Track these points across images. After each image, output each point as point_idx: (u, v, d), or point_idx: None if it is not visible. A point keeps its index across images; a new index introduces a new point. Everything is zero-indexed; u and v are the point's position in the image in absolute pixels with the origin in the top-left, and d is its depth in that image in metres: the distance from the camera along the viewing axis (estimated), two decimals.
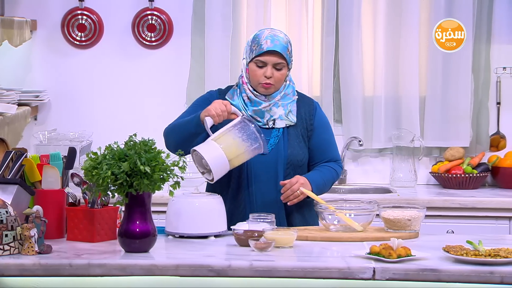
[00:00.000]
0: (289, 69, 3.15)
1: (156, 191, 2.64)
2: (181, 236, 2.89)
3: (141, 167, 2.57)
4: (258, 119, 3.13)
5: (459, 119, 4.41)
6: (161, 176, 2.62)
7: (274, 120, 3.14)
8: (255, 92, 3.13)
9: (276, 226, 2.84)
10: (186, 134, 3.07)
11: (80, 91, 4.60)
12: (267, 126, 3.13)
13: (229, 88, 3.23)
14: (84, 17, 4.57)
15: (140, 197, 2.63)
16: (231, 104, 3.06)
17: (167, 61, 4.58)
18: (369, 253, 2.58)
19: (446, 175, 4.33)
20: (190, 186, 3.11)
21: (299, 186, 3.04)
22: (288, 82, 3.18)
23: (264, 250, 2.67)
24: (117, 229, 2.73)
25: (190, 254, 2.66)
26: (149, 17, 4.56)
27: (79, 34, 4.58)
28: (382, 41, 4.44)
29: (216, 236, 2.90)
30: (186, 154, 3.12)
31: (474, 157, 4.41)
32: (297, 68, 4.42)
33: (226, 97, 3.17)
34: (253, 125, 2.99)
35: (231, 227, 2.85)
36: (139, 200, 2.63)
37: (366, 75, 4.48)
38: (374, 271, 2.48)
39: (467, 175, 4.30)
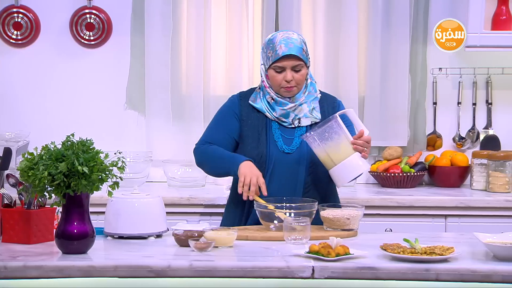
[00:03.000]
0: (308, 67, 3.14)
1: (94, 192, 2.61)
2: (120, 237, 2.87)
3: (79, 168, 2.53)
4: (284, 119, 3.13)
5: (397, 119, 4.47)
6: (100, 177, 2.59)
7: (299, 118, 3.13)
8: (279, 94, 3.13)
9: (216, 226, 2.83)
10: (223, 172, 3.15)
11: (17, 91, 4.51)
12: (292, 126, 3.14)
13: (251, 90, 3.23)
14: (20, 15, 4.48)
15: (78, 198, 2.59)
16: (254, 107, 3.11)
17: (106, 61, 4.53)
18: (309, 252, 2.60)
19: (384, 174, 4.39)
20: (129, 187, 3.08)
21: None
22: (309, 80, 3.18)
23: (204, 250, 2.66)
24: (55, 230, 2.69)
25: (129, 255, 2.64)
26: (88, 15, 4.50)
27: (15, 32, 4.49)
28: (322, 42, 4.47)
29: (156, 236, 2.89)
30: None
31: (412, 156, 4.47)
32: (237, 68, 4.43)
33: (249, 101, 3.16)
34: (311, 133, 3.04)
35: (172, 227, 2.84)
36: (77, 201, 2.60)
37: None
38: (313, 270, 2.49)
39: (404, 174, 4.36)
